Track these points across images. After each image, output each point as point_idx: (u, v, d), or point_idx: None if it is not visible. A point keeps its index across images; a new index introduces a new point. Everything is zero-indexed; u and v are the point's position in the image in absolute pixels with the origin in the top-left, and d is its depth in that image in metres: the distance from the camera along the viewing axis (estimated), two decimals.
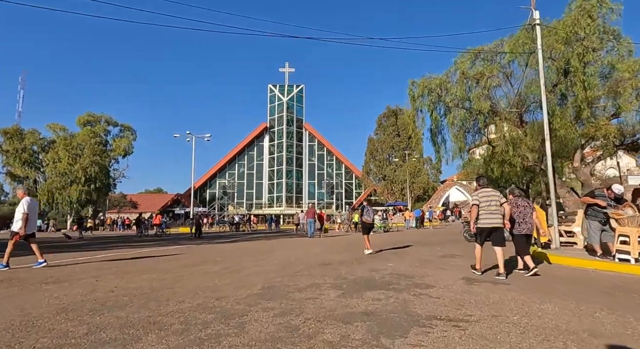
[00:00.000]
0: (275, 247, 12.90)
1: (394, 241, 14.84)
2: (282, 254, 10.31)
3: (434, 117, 14.09)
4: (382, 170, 52.64)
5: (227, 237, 21.37)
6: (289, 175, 70.21)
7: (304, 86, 74.49)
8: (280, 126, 71.18)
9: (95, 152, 43.43)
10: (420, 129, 14.45)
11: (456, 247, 11.51)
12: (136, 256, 10.11)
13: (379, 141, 53.75)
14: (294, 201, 68.96)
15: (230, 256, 9.68)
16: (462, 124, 13.63)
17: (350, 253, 10.13)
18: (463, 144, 14.54)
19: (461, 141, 14.22)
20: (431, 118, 14.36)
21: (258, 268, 7.24)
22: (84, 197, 42.05)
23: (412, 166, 48.16)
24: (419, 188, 48.09)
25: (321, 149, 73.58)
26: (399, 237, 17.60)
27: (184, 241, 17.68)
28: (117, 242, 18.18)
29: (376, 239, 14.68)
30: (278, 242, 15.23)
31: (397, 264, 7.76)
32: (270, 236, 22.31)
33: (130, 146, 54.77)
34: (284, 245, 13.91)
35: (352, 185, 72.94)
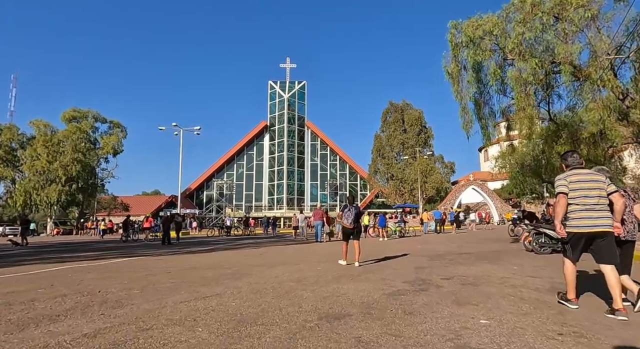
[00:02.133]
0: (255, 262, 9.02)
1: (429, 252, 10.93)
2: (258, 277, 6.44)
3: (493, 72, 9.73)
4: (390, 169, 48.63)
5: (208, 243, 17.54)
6: (290, 176, 66.47)
7: (305, 83, 71.02)
8: (281, 124, 67.55)
9: (78, 149, 39.76)
10: (467, 93, 10.26)
11: (527, 262, 7.62)
12: None
13: (387, 137, 49.81)
14: (296, 203, 65.06)
15: (156, 287, 5.75)
16: (533, 80, 9.29)
17: (380, 280, 6.22)
18: (534, 110, 10.08)
19: (530, 105, 9.77)
20: (487, 74, 10.06)
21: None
22: (64, 198, 38.33)
23: (423, 163, 44.11)
24: (431, 188, 44.00)
25: (324, 149, 69.76)
26: (429, 245, 13.66)
27: (151, 249, 13.88)
28: (67, 250, 14.38)
29: (403, 246, 10.78)
30: (265, 253, 11.38)
31: (495, 316, 3.79)
32: (263, 242, 18.44)
33: (120, 143, 51.27)
34: (271, 258, 10.04)
35: (357, 186, 69.01)
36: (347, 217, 7.91)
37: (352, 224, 7.91)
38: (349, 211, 7.93)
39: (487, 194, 41.24)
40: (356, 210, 7.97)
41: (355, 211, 7.92)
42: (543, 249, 9.30)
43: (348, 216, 7.91)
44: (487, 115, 11.00)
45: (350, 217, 7.89)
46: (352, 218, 7.86)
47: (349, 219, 7.90)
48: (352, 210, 7.92)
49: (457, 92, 10.26)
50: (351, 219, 7.87)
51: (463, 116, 10.31)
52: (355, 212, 7.91)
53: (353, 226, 7.95)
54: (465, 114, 10.23)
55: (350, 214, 7.90)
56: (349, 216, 7.90)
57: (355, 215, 7.88)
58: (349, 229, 8.05)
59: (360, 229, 8.49)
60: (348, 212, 7.94)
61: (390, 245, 14.06)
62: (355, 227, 8.04)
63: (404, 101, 52.41)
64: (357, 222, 8.06)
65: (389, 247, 12.77)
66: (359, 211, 8.08)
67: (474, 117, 10.47)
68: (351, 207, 7.98)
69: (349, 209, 7.97)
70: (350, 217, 7.88)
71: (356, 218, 7.93)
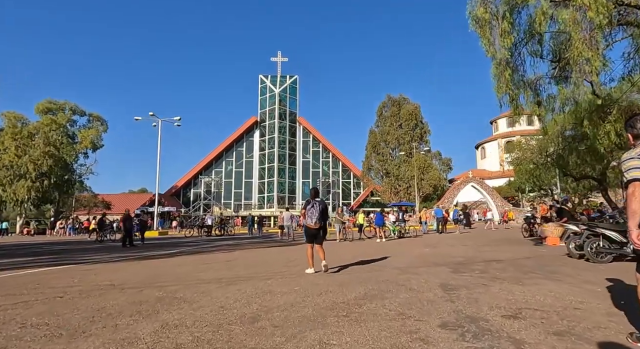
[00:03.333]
0: (212, 275, 6.56)
1: (445, 258, 8.52)
2: (193, 307, 3.95)
3: (541, 11, 6.85)
4: (385, 165, 46.30)
5: (178, 245, 14.97)
6: (281, 173, 63.88)
7: (297, 77, 68.47)
8: (272, 119, 64.91)
9: (50, 142, 36.74)
10: (505, 42, 7.56)
11: (595, 277, 5.23)
12: None
13: (382, 132, 47.45)
14: (287, 201, 62.49)
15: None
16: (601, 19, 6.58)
17: (396, 319, 3.75)
18: (600, 57, 7.11)
19: (597, 54, 6.90)
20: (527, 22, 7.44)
21: None
22: (34, 195, 35.30)
23: (420, 159, 41.82)
24: (428, 185, 41.73)
25: (316, 145, 67.26)
26: (439, 249, 11.24)
27: (105, 253, 11.32)
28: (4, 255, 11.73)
29: (407, 249, 8.40)
30: (234, 260, 8.91)
31: None
32: (243, 243, 15.91)
33: (100, 138, 48.31)
34: (238, 267, 7.57)
35: (350, 184, 66.66)
36: (311, 216, 6.66)
37: (316, 224, 6.63)
38: (312, 208, 6.68)
39: (487, 191, 39.15)
40: (322, 206, 6.72)
41: (320, 207, 6.67)
42: (601, 257, 6.97)
43: (312, 213, 6.66)
44: (518, 83, 8.54)
45: (314, 215, 6.64)
46: (317, 216, 6.63)
47: (312, 218, 6.64)
48: (316, 206, 6.67)
49: (487, 44, 7.81)
50: (315, 217, 6.62)
51: (497, 74, 7.93)
52: (320, 208, 6.65)
53: (318, 225, 6.66)
54: (501, 71, 7.79)
55: (314, 211, 6.65)
56: (313, 214, 6.65)
57: (320, 212, 6.63)
58: (313, 229, 6.72)
59: (326, 230, 7.07)
60: (312, 209, 6.68)
61: (391, 248, 11.67)
62: (321, 228, 6.75)
63: (401, 95, 50.16)
64: (324, 221, 6.78)
65: (390, 251, 10.37)
66: (324, 207, 6.80)
67: (510, 76, 7.99)
68: (315, 203, 6.71)
69: (312, 205, 6.70)
70: (315, 214, 6.64)
71: (322, 216, 6.67)
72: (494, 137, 60.48)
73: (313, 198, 6.80)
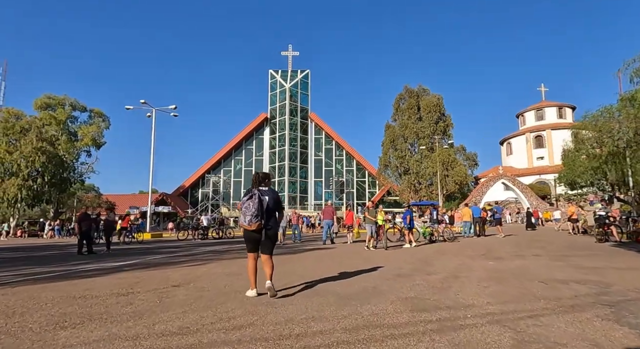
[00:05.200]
0: (129, 322, 3.20)
1: (556, 287, 5.00)
2: None
3: None
4: (404, 162, 42.50)
5: (157, 252, 11.77)
6: (292, 172, 60.77)
7: (309, 71, 65.36)
8: (283, 116, 61.93)
9: (43, 138, 34.34)
10: None
11: None
12: None
13: (400, 126, 43.70)
14: (298, 201, 59.32)
15: None
16: None
17: None
18: None
19: None
20: None
21: None
22: (26, 194, 32.87)
23: (444, 154, 37.92)
24: (453, 183, 37.78)
25: (329, 143, 63.91)
26: (507, 262, 7.68)
27: (45, 265, 8.19)
28: None
29: (457, 262, 4.93)
30: (199, 279, 5.65)
31: None
32: (234, 249, 12.59)
33: (101, 134, 46.05)
34: (188, 300, 4.24)
35: (365, 183, 63.01)
36: (246, 211, 4.23)
37: (253, 224, 4.22)
38: (249, 201, 4.28)
39: (520, 189, 35.01)
40: (268, 197, 4.40)
41: (264, 199, 4.33)
42: None
43: (247, 208, 4.25)
44: None
45: (250, 210, 4.21)
46: (254, 212, 4.20)
47: (246, 215, 4.22)
48: (255, 198, 4.26)
49: None
50: (251, 213, 4.19)
51: None
52: (263, 200, 4.30)
53: (256, 226, 4.23)
54: None
55: (251, 204, 4.24)
56: (249, 209, 4.23)
57: (261, 206, 4.24)
58: (250, 232, 4.34)
59: (276, 232, 4.62)
60: (248, 202, 4.28)
61: (431, 257, 8.19)
62: (268, 229, 4.38)
63: (420, 86, 46.35)
64: (272, 220, 4.45)
65: (434, 263, 6.92)
66: (274, 200, 4.46)
67: None
68: (255, 193, 4.31)
69: (249, 197, 4.30)
70: (251, 210, 4.20)
71: (266, 213, 4.31)
72: (521, 131, 55.91)
73: (258, 185, 4.47)
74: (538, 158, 52.55)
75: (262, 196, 4.31)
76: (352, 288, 4.71)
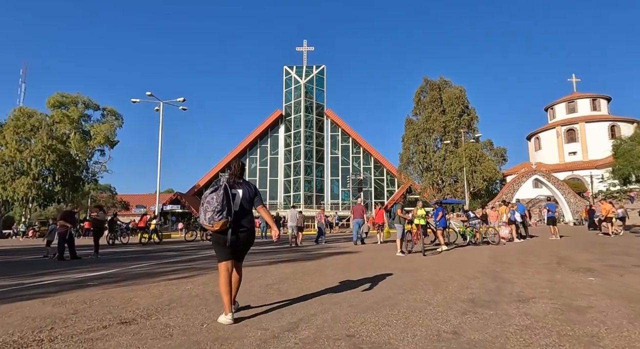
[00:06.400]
0: None
1: None
2: None
3: None
4: (427, 157, 40.00)
5: (147, 258, 10.01)
6: (308, 171, 58.90)
7: (324, 67, 63.31)
8: (298, 113, 60.15)
9: (53, 136, 33.49)
10: None
11: None
12: None
13: (423, 120, 41.21)
14: (314, 200, 57.38)
15: None
16: None
17: None
18: None
19: None
20: None
21: None
22: (36, 193, 32.02)
23: (471, 148, 35.26)
24: (481, 179, 35.09)
25: (346, 140, 61.76)
26: (618, 279, 5.52)
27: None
28: None
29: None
30: (167, 304, 3.75)
31: None
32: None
33: (114, 133, 45.26)
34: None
35: (383, 182, 60.59)
36: (207, 207, 3.20)
37: (219, 221, 3.18)
38: (213, 194, 3.26)
39: (557, 186, 32.11)
40: (249, 188, 3.49)
41: (245, 190, 3.44)
42: None
43: (210, 202, 3.22)
44: None
45: (215, 204, 3.19)
46: (220, 205, 3.19)
47: (207, 211, 3.19)
48: (220, 192, 3.25)
49: None
50: (213, 209, 3.18)
51: None
52: (244, 191, 3.42)
53: (219, 225, 3.19)
54: None
55: (216, 197, 3.22)
56: (212, 203, 3.20)
57: (227, 202, 3.24)
58: (217, 234, 3.29)
59: (252, 234, 3.45)
60: (212, 194, 3.26)
61: (491, 267, 6.08)
62: (241, 231, 3.33)
63: (442, 78, 43.78)
64: (246, 219, 3.38)
65: (507, 278, 4.83)
66: (254, 191, 3.48)
67: None
68: (221, 186, 3.32)
69: (213, 190, 3.30)
70: (214, 204, 3.19)
71: (240, 209, 3.35)
72: (550, 125, 52.47)
73: (235, 177, 3.44)
74: (570, 153, 49.16)
75: (231, 189, 3.34)
76: (410, 340, 2.69)
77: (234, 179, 3.47)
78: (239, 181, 3.49)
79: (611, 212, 15.86)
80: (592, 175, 40.31)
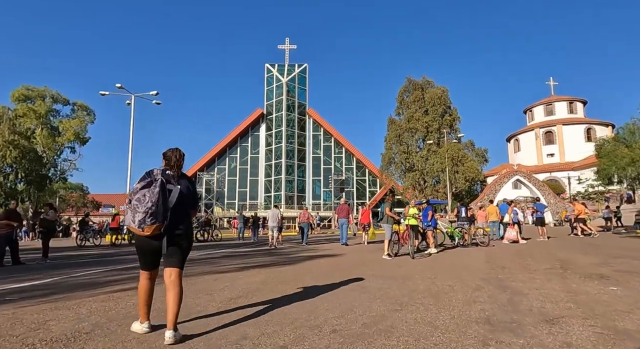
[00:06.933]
0: None
1: None
2: None
3: None
4: (410, 158, 39.63)
5: (100, 263, 8.86)
6: (290, 170, 57.79)
7: (307, 66, 62.39)
8: (279, 112, 58.97)
9: (16, 131, 31.30)
10: None
11: None
12: None
13: (406, 119, 40.83)
14: (295, 201, 56.32)
15: None
16: None
17: None
18: None
19: None
20: None
21: None
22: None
23: (453, 149, 35.07)
24: (463, 179, 34.93)
25: (328, 140, 60.98)
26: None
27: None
28: None
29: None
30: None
31: None
32: (213, 258, 9.69)
33: (84, 129, 42.95)
34: None
35: (365, 182, 60.12)
36: (138, 206, 2.53)
37: (152, 225, 2.53)
38: (145, 189, 2.59)
39: (537, 187, 32.25)
40: (188, 184, 2.88)
41: (183, 186, 2.80)
42: None
43: (142, 200, 2.54)
44: None
45: (148, 203, 2.52)
46: (155, 206, 2.52)
47: (137, 212, 2.52)
48: (155, 187, 2.59)
49: None
50: (149, 206, 2.51)
51: None
52: (183, 188, 2.80)
53: (155, 228, 2.56)
54: None
55: (150, 195, 2.55)
56: (145, 202, 2.52)
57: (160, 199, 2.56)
58: (145, 238, 2.63)
59: (190, 239, 2.86)
60: (145, 191, 2.58)
61: (491, 273, 5.31)
62: (177, 235, 2.72)
63: (425, 78, 43.55)
64: (184, 223, 2.77)
65: (517, 288, 4.05)
66: (192, 189, 2.91)
67: None
68: (157, 177, 2.66)
69: (146, 184, 2.62)
70: (147, 203, 2.52)
71: (178, 209, 2.70)
72: (529, 127, 53.21)
73: (174, 169, 2.79)
74: (548, 155, 49.91)
75: (167, 185, 2.69)
76: None
77: (172, 172, 2.76)
78: (176, 175, 2.80)
79: (584, 213, 16.09)
80: (570, 176, 40.91)
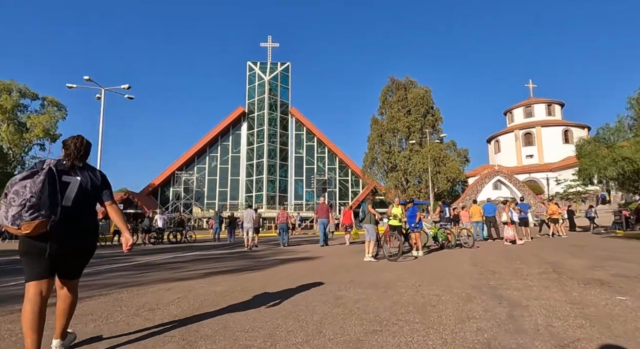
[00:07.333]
0: None
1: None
2: None
3: None
4: (393, 158, 39.42)
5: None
6: (271, 170, 56.88)
7: (290, 64, 61.65)
8: (261, 110, 57.99)
9: None
10: None
11: None
12: None
13: (388, 118, 40.62)
14: (277, 201, 55.43)
15: None
16: None
17: None
18: None
19: None
20: None
21: None
22: None
23: (435, 149, 35.00)
24: (445, 180, 34.89)
25: (310, 140, 60.35)
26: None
27: None
28: None
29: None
30: None
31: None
32: (179, 262, 8.88)
33: (54, 125, 41.06)
34: None
35: (348, 182, 59.78)
36: (14, 199, 2.00)
37: (31, 222, 2.02)
38: (25, 181, 2.07)
39: (518, 187, 32.48)
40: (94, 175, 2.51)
41: (85, 178, 2.42)
42: None
43: (19, 193, 2.02)
44: None
45: (27, 194, 2.01)
46: (36, 197, 2.03)
47: (11, 206, 1.99)
48: (41, 176, 2.13)
49: None
50: (27, 197, 2.01)
51: None
52: (85, 179, 2.43)
53: (36, 225, 2.05)
54: None
55: (30, 186, 2.05)
56: (23, 194, 2.01)
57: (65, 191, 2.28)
58: (31, 239, 2.12)
59: (90, 242, 2.44)
60: (24, 181, 2.07)
61: (483, 280, 4.78)
62: (74, 236, 2.30)
63: (408, 78, 43.50)
64: (85, 219, 2.37)
65: (515, 299, 3.51)
66: (103, 180, 2.53)
67: None
68: (43, 167, 2.21)
69: (28, 175, 2.14)
70: (26, 194, 2.02)
71: (76, 204, 2.31)
72: (509, 128, 53.97)
73: (74, 159, 2.41)
74: (527, 156, 50.70)
75: (62, 176, 2.27)
76: None
77: (70, 162, 2.37)
78: (78, 165, 2.41)
79: (557, 213, 16.27)
80: (548, 177, 41.54)
